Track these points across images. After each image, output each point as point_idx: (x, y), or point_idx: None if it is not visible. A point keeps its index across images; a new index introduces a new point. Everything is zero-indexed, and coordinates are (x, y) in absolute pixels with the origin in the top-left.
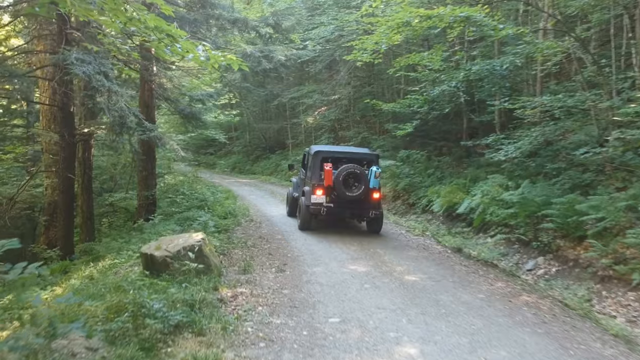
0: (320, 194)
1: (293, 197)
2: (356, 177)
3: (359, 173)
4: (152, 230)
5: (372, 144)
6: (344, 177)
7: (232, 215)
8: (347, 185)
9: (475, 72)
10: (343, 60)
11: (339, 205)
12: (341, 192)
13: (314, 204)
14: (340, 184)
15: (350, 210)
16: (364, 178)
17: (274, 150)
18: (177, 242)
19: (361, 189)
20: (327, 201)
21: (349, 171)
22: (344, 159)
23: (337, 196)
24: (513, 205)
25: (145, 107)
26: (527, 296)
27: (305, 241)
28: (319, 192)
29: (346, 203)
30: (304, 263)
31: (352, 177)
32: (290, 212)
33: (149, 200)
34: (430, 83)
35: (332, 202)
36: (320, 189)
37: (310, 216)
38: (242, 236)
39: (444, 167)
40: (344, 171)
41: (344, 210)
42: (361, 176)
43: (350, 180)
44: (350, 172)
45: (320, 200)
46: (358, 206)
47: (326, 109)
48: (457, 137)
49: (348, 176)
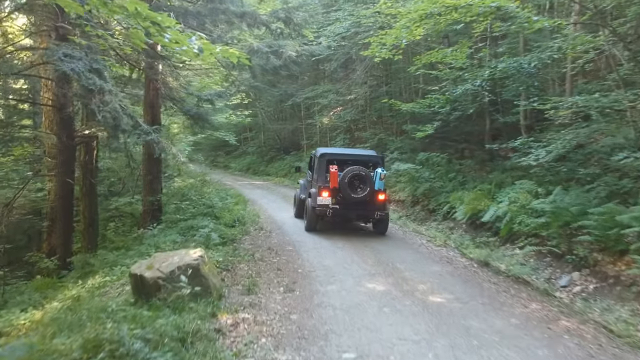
0: (326, 196)
1: (300, 198)
2: (361, 179)
3: (364, 175)
4: (151, 241)
5: (389, 145)
6: (350, 179)
7: (240, 223)
8: (352, 187)
9: (501, 70)
10: (359, 58)
11: (344, 207)
12: (347, 193)
13: (320, 206)
14: (345, 186)
15: (356, 212)
16: (369, 180)
17: (288, 151)
18: (172, 260)
19: (366, 190)
20: (332, 203)
21: (355, 173)
22: (350, 161)
23: (342, 198)
24: (544, 215)
25: (151, 108)
26: (566, 321)
27: (318, 253)
28: (324, 194)
29: (352, 205)
30: (316, 280)
31: (357, 179)
32: (298, 213)
33: (153, 206)
34: (452, 82)
35: (337, 204)
36: (326, 190)
37: (316, 217)
38: (250, 247)
39: (466, 171)
40: (349, 173)
41: (349, 212)
42: (366, 178)
43: (355, 182)
44: (356, 174)
45: (326, 202)
46: (363, 208)
47: (342, 109)
48: (479, 139)
49: (353, 178)
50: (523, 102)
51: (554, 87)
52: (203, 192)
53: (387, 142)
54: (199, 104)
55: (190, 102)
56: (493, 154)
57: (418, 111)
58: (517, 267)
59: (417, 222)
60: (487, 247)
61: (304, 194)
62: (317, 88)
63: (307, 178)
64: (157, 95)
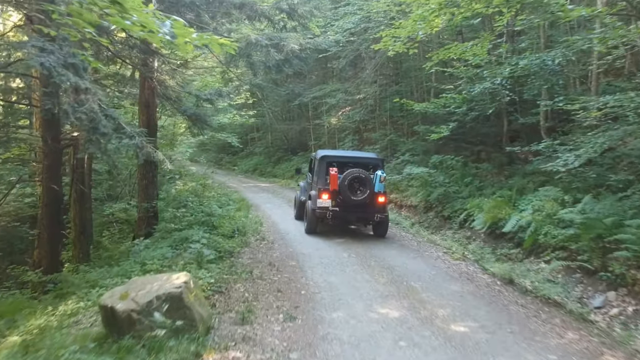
0: (326, 198)
1: (300, 200)
2: (361, 182)
3: (364, 177)
4: (138, 257)
5: (399, 147)
6: (349, 181)
7: (240, 234)
8: (352, 190)
9: (522, 67)
10: (369, 56)
11: (344, 209)
12: (346, 196)
13: (320, 208)
14: (345, 188)
15: (356, 214)
16: (369, 182)
17: (296, 152)
18: (151, 287)
19: (366, 193)
20: (332, 205)
21: (354, 175)
22: (350, 163)
23: (342, 200)
24: (574, 226)
25: (146, 107)
26: (610, 355)
27: (325, 269)
28: (324, 196)
29: (351, 207)
30: (320, 304)
31: (357, 182)
32: (298, 215)
33: (149, 213)
34: (469, 80)
35: (337, 206)
36: (326, 193)
37: (316, 220)
38: (249, 262)
39: (483, 175)
40: (349, 175)
41: (349, 214)
42: (366, 180)
43: (355, 184)
44: (356, 177)
45: (326, 205)
46: (363, 210)
47: (350, 109)
48: (496, 140)
49: (353, 180)
50: (545, 102)
51: (574, 85)
52: (204, 197)
53: (398, 144)
54: (198, 103)
55: (189, 101)
56: (512, 157)
57: (432, 111)
58: (546, 286)
59: (431, 230)
60: (509, 260)
61: (304, 196)
62: (325, 87)
63: (307, 180)
64: (152, 95)
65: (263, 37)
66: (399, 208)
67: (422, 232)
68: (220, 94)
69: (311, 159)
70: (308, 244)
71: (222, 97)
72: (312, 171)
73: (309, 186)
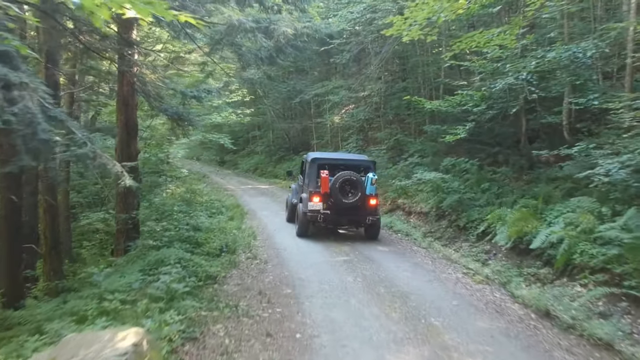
0: (317, 201)
1: (292, 203)
2: (352, 184)
3: (355, 180)
4: (96, 290)
5: (408, 147)
6: (341, 184)
7: (229, 251)
8: (343, 192)
9: (550, 60)
10: (374, 51)
11: (335, 212)
12: (338, 199)
13: (311, 211)
14: (336, 191)
15: (347, 217)
16: (360, 185)
17: (298, 151)
18: (86, 354)
19: (357, 195)
20: (324, 208)
21: (345, 178)
22: (341, 165)
23: (333, 203)
24: (616, 244)
25: (125, 106)
26: None
27: (326, 301)
28: (315, 199)
29: (343, 210)
30: (319, 355)
31: (348, 184)
32: (289, 217)
33: (128, 225)
34: (487, 76)
35: (329, 209)
36: (317, 196)
37: (307, 223)
38: (235, 291)
39: (501, 180)
40: (340, 178)
41: (340, 217)
42: (357, 183)
43: (346, 187)
44: (347, 179)
45: (317, 207)
46: (355, 213)
47: (354, 107)
48: (513, 141)
49: (344, 183)
50: (571, 99)
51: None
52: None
53: (405, 144)
54: (184, 101)
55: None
56: (532, 160)
57: (445, 110)
58: (593, 324)
59: (445, 242)
60: (537, 281)
61: (295, 199)
62: (327, 84)
63: (299, 182)
64: (132, 91)
65: (248, 20)
66: (407, 215)
67: (436, 245)
68: (210, 90)
69: (302, 161)
70: (307, 263)
71: (210, 94)
72: (303, 173)
73: (300, 188)
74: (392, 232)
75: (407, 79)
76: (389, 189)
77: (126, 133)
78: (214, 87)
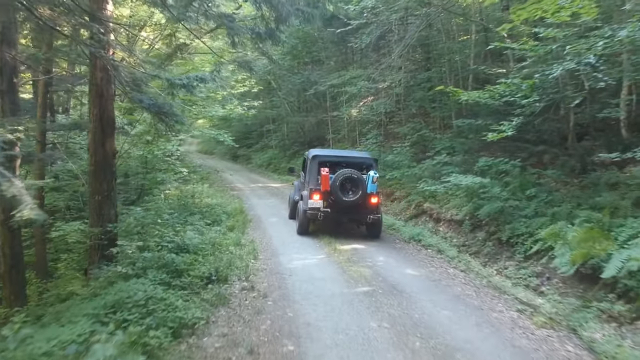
0: (317, 199)
1: (294, 200)
2: (353, 182)
3: (356, 178)
4: (16, 349)
5: (434, 144)
6: (341, 181)
7: (219, 279)
8: (343, 190)
9: (621, 40)
10: (398, 35)
11: (336, 210)
12: (338, 197)
13: (311, 209)
14: (337, 189)
15: (348, 215)
16: (361, 183)
17: (313, 146)
18: None
19: (358, 193)
20: (324, 206)
21: (346, 176)
22: (342, 163)
23: (334, 201)
24: None
25: (99, 97)
26: None
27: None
28: (316, 197)
29: (343, 208)
30: None
31: (348, 182)
32: (291, 215)
33: (103, 240)
34: (540, 60)
35: (329, 207)
36: (318, 193)
37: (307, 221)
38: (217, 348)
39: (551, 185)
40: (340, 176)
41: (341, 215)
42: (358, 181)
43: (347, 185)
44: (347, 177)
45: (317, 205)
46: (356, 211)
47: (373, 99)
48: (560, 138)
49: (345, 181)
50: None
51: None
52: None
53: (431, 140)
54: (173, 91)
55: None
56: (584, 162)
57: (484, 102)
58: None
59: (484, 259)
60: (612, 319)
61: (297, 196)
62: (344, 74)
63: (301, 180)
64: (107, 79)
65: None
66: (435, 222)
67: (474, 265)
68: (203, 78)
69: (304, 158)
70: (317, 297)
71: (204, 82)
72: (304, 170)
73: (302, 186)
74: (420, 246)
75: (431, 68)
76: (412, 191)
77: (100, 129)
78: (210, 75)
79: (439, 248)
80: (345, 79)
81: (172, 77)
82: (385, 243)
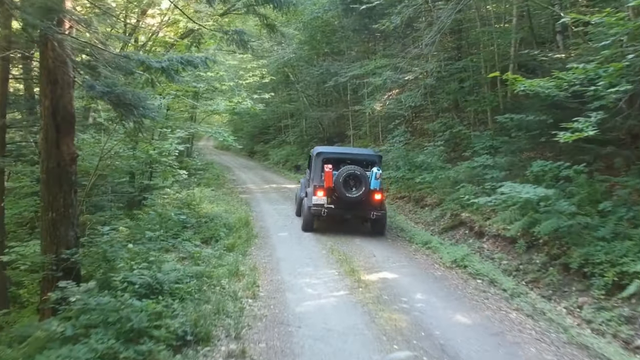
0: (321, 195)
1: (300, 197)
2: (356, 179)
3: (360, 174)
4: None
5: (472, 143)
6: (344, 178)
7: (200, 336)
8: (347, 187)
9: None
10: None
11: (339, 207)
12: (341, 193)
13: (315, 205)
14: (340, 186)
15: (352, 212)
16: (364, 179)
17: (333, 142)
18: None
19: (361, 190)
20: (328, 202)
21: (349, 172)
22: (346, 160)
23: (337, 197)
24: None
25: (51, 85)
26: None
27: None
28: (319, 194)
29: (347, 204)
30: None
31: (352, 179)
32: (297, 211)
33: (58, 272)
34: (626, 38)
35: (332, 204)
36: (321, 190)
37: (312, 217)
38: None
39: (629, 197)
40: (344, 172)
41: (345, 212)
42: (361, 177)
43: (350, 181)
44: (351, 174)
45: (321, 202)
46: (359, 207)
47: (399, 92)
48: (632, 137)
49: (348, 177)
50: None
51: None
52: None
53: (467, 138)
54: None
55: (116, 74)
56: None
57: (547, 93)
58: None
59: (546, 290)
60: None
61: (303, 193)
62: (367, 64)
63: (306, 177)
64: (63, 61)
65: None
66: (477, 236)
67: (542, 307)
68: (190, 61)
69: (309, 155)
70: None
71: (191, 65)
72: (309, 167)
73: (307, 182)
74: (468, 275)
75: (468, 56)
76: (446, 198)
77: (54, 126)
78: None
79: (491, 279)
80: (368, 69)
81: (148, 59)
82: (421, 270)
